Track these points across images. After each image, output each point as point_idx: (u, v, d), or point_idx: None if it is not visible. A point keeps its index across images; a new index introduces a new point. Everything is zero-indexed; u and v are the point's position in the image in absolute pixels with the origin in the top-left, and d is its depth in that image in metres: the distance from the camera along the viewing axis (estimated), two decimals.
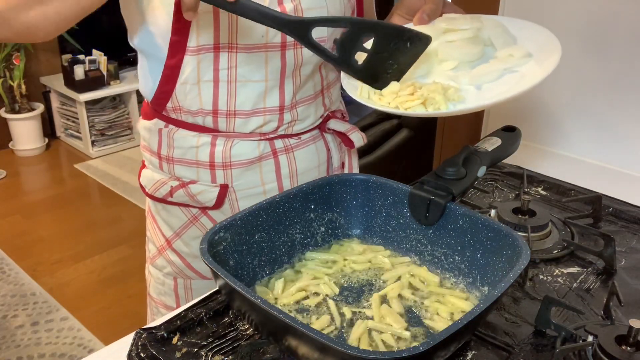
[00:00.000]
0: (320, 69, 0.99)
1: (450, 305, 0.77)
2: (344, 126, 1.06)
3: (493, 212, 1.02)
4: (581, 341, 0.74)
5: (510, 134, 0.94)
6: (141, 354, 0.72)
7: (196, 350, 0.74)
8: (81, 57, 3.81)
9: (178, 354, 0.73)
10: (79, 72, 3.71)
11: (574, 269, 0.92)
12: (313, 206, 0.87)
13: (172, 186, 1.00)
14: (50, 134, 4.08)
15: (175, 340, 0.75)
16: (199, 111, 0.94)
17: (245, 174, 0.98)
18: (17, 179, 3.65)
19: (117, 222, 3.14)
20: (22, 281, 2.64)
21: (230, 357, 0.73)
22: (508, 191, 1.17)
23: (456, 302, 0.77)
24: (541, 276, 0.90)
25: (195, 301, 0.81)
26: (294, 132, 1.00)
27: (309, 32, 0.79)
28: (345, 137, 1.06)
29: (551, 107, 1.42)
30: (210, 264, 0.68)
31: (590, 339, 0.73)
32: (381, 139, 2.51)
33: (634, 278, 0.90)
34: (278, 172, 1.00)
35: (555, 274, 0.91)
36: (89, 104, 3.82)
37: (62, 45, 3.88)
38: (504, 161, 0.98)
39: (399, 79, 0.85)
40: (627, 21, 1.24)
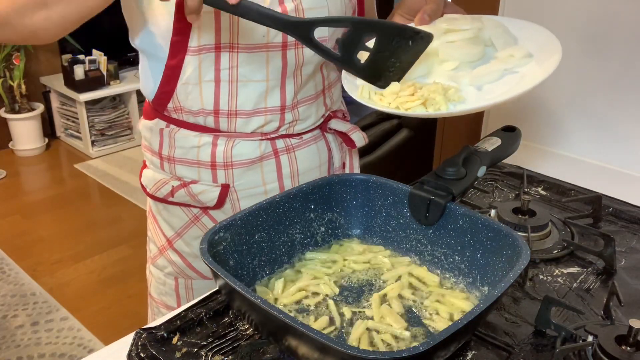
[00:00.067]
0: (322, 69, 0.99)
1: (450, 305, 0.77)
2: (345, 126, 1.06)
3: (493, 212, 1.02)
4: (581, 341, 0.74)
5: (510, 134, 0.94)
6: (141, 354, 0.72)
7: (196, 350, 0.74)
8: (81, 57, 3.81)
9: (178, 354, 0.73)
10: (79, 72, 3.71)
11: (574, 269, 0.92)
12: (313, 206, 0.87)
13: (173, 186, 1.00)
14: (50, 134, 4.08)
15: (175, 340, 0.75)
16: (200, 111, 0.94)
17: (247, 173, 0.98)
18: (17, 179, 3.65)
19: (117, 222, 3.14)
20: (22, 281, 2.64)
21: (230, 357, 0.73)
22: (508, 191, 1.17)
23: (456, 302, 0.77)
24: (541, 276, 0.90)
25: (195, 301, 0.81)
26: (295, 132, 1.00)
27: (311, 32, 0.79)
28: (346, 137, 1.06)
29: (551, 107, 1.42)
30: (210, 264, 0.68)
31: (590, 339, 0.73)
32: (381, 139, 2.51)
33: (634, 278, 0.90)
34: (279, 172, 1.00)
35: (555, 274, 0.91)
36: (89, 104, 3.82)
37: (62, 45, 3.87)
38: (504, 161, 0.98)
39: (401, 77, 0.85)
40: (627, 21, 1.24)
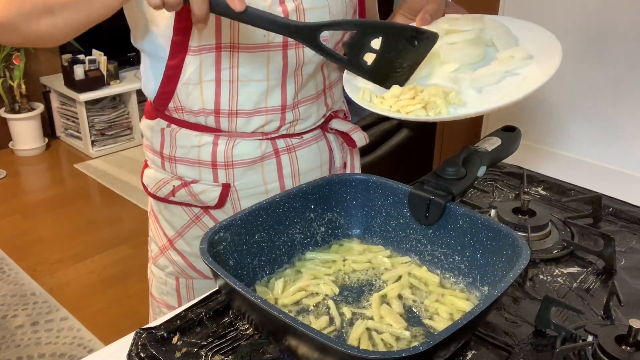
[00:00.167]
0: (322, 69, 0.99)
1: (450, 305, 0.77)
2: (347, 126, 1.06)
3: (493, 212, 1.02)
4: (581, 341, 0.74)
5: (510, 134, 0.94)
6: (141, 354, 0.72)
7: (196, 350, 0.74)
8: (81, 57, 3.81)
9: (178, 354, 0.73)
10: (78, 72, 3.71)
11: (574, 269, 0.92)
12: (313, 206, 0.87)
13: (174, 185, 1.00)
14: (50, 134, 4.08)
15: (175, 340, 0.75)
16: (201, 111, 0.94)
17: (247, 173, 0.98)
18: (17, 179, 3.65)
19: (117, 222, 3.14)
20: (22, 281, 2.64)
21: (230, 357, 0.73)
22: (508, 191, 1.17)
23: (456, 302, 0.77)
24: (541, 276, 0.90)
25: (195, 301, 0.81)
26: (296, 131, 1.00)
27: (317, 36, 0.79)
28: (347, 137, 1.06)
29: (551, 107, 1.42)
30: (210, 264, 0.68)
31: (590, 339, 0.73)
32: (381, 139, 2.51)
33: (634, 278, 0.90)
34: (280, 171, 1.00)
35: (555, 274, 0.91)
36: (89, 103, 3.82)
37: (62, 45, 3.86)
38: (504, 161, 0.98)
39: (408, 77, 0.85)
40: (627, 21, 1.24)
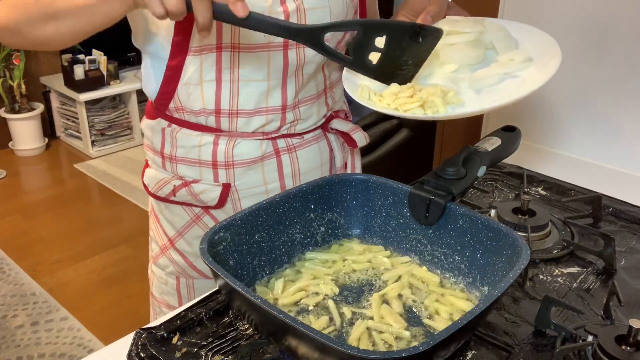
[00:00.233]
0: (323, 69, 0.99)
1: (450, 305, 0.77)
2: (347, 126, 1.06)
3: (493, 212, 1.02)
4: (581, 341, 0.74)
5: (510, 134, 0.94)
6: (141, 354, 0.72)
7: (196, 350, 0.74)
8: (81, 57, 3.81)
9: (178, 354, 0.73)
10: (78, 72, 3.71)
11: (574, 269, 0.92)
12: (313, 206, 0.87)
13: (175, 185, 1.00)
14: (50, 134, 4.08)
15: (175, 340, 0.75)
16: (202, 111, 0.94)
17: (248, 173, 0.98)
18: (17, 179, 3.65)
19: (117, 222, 3.14)
20: (22, 281, 2.64)
21: (230, 357, 0.73)
22: (508, 191, 1.17)
23: (456, 302, 0.77)
24: (541, 276, 0.90)
25: (195, 301, 0.81)
26: (297, 131, 1.00)
27: (321, 38, 0.79)
28: (348, 137, 1.06)
29: (551, 107, 1.42)
30: (210, 263, 0.68)
31: (590, 339, 0.73)
32: (381, 139, 2.51)
33: (634, 278, 0.90)
34: (280, 171, 1.00)
35: (555, 274, 0.91)
36: (89, 103, 3.82)
37: None
38: (504, 161, 0.98)
39: (414, 74, 0.85)
40: (627, 21, 1.24)
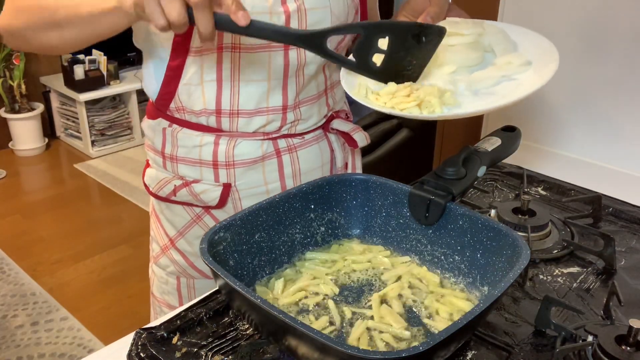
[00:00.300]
0: (324, 69, 0.99)
1: (450, 305, 0.77)
2: (348, 126, 1.06)
3: (493, 212, 1.02)
4: (581, 341, 0.74)
5: (510, 134, 0.94)
6: (141, 354, 0.72)
7: (196, 350, 0.74)
8: (81, 56, 3.81)
9: (178, 354, 0.73)
10: (78, 72, 3.71)
11: (574, 269, 0.92)
12: (313, 206, 0.87)
13: (175, 185, 1.00)
14: (50, 134, 4.08)
15: (175, 340, 0.75)
16: (203, 111, 0.94)
17: (248, 173, 0.98)
18: (17, 179, 3.65)
19: (117, 222, 3.14)
20: (22, 281, 2.64)
21: (230, 357, 0.73)
22: (508, 191, 1.17)
23: (456, 302, 0.77)
24: (541, 276, 0.90)
25: (195, 301, 0.81)
26: (298, 131, 1.00)
27: (324, 43, 0.79)
28: (348, 137, 1.06)
29: (551, 107, 1.42)
30: (210, 263, 0.68)
31: (590, 339, 0.73)
32: (381, 139, 2.51)
33: (634, 278, 0.90)
34: (281, 171, 1.01)
35: (555, 274, 0.91)
36: (89, 103, 3.82)
37: None
38: (504, 161, 0.98)
39: (419, 74, 0.84)
40: (627, 21, 1.25)
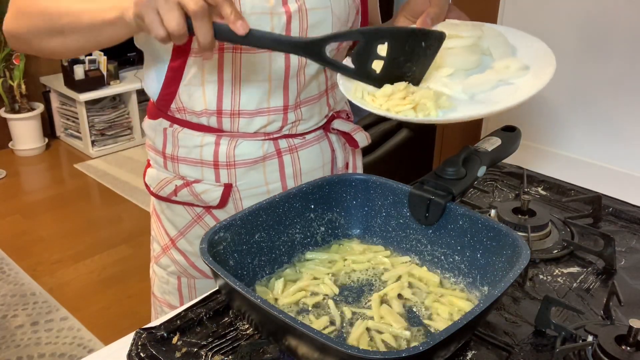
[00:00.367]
0: (325, 70, 0.99)
1: (450, 305, 0.77)
2: (349, 126, 1.06)
3: (493, 212, 1.02)
4: (581, 341, 0.74)
5: (510, 134, 0.94)
6: (141, 354, 0.72)
7: (196, 350, 0.74)
8: (81, 57, 3.81)
9: (178, 354, 0.73)
10: (78, 72, 3.71)
11: (574, 269, 0.92)
12: (313, 206, 0.87)
13: (176, 185, 1.00)
14: (50, 134, 4.07)
15: (175, 340, 0.75)
16: (203, 111, 0.94)
17: (249, 173, 0.98)
18: (17, 179, 3.65)
19: (117, 222, 3.14)
20: (22, 281, 2.64)
21: (230, 357, 0.73)
22: (508, 191, 1.17)
23: (456, 302, 0.77)
24: (541, 276, 0.90)
25: (195, 301, 0.81)
26: (298, 132, 1.00)
27: (323, 50, 0.79)
28: (349, 137, 1.06)
29: (551, 107, 1.42)
30: (210, 263, 0.68)
31: (590, 339, 0.73)
32: (381, 139, 2.51)
33: (634, 278, 0.90)
34: (282, 171, 1.01)
35: (555, 273, 0.91)
36: (89, 103, 3.82)
37: None
38: (504, 161, 0.98)
39: (419, 80, 0.84)
40: (627, 21, 1.25)
